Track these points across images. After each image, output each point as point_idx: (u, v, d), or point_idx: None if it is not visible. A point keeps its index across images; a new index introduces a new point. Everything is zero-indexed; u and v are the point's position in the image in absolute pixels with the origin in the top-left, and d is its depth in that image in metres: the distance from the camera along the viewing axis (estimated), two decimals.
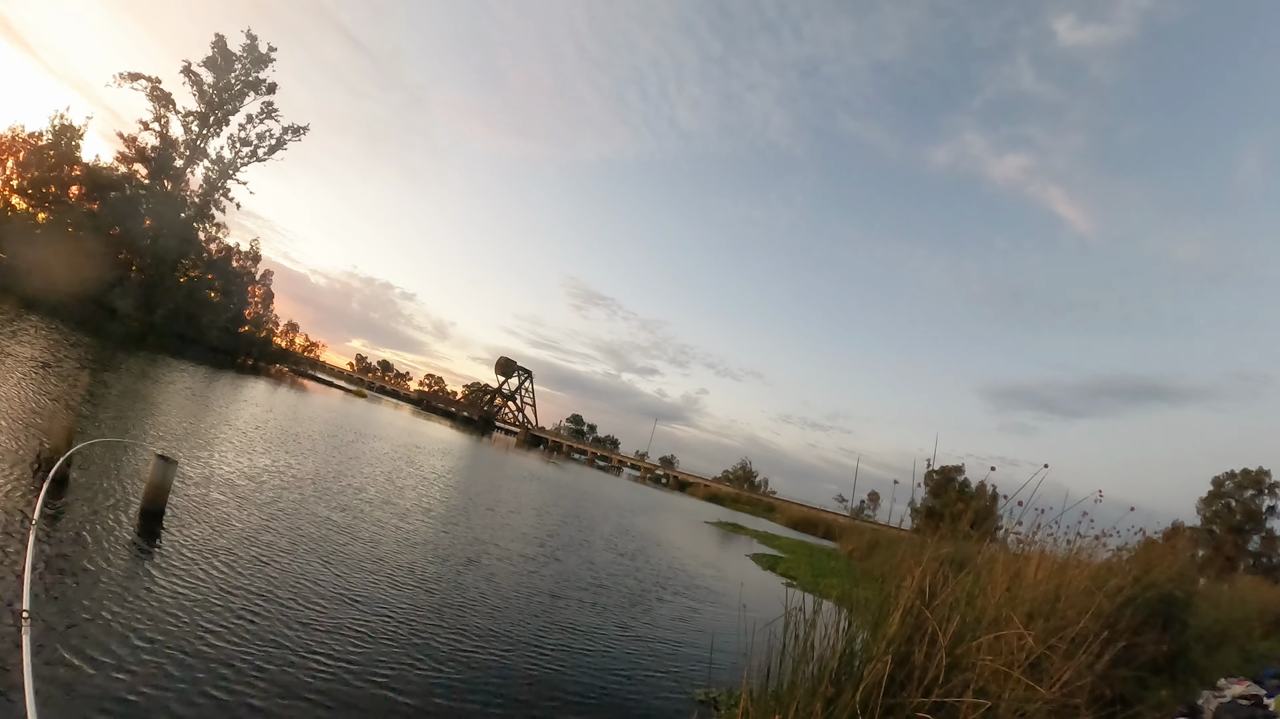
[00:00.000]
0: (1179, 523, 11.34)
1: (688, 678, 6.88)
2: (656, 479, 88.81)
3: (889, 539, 19.38)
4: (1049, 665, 3.80)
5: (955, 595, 3.93)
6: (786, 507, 67.85)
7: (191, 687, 3.97)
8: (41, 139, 41.56)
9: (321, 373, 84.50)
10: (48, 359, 16.19)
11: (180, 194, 46.58)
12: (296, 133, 50.37)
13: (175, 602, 5.07)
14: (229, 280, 50.34)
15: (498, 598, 7.97)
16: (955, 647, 3.54)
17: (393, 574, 7.61)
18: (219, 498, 8.60)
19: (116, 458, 8.98)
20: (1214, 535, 49.31)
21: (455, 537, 10.79)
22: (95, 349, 22.22)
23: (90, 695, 3.58)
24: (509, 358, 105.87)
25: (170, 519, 7.04)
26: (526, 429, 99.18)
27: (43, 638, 3.96)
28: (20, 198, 40.73)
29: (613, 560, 12.96)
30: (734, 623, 9.59)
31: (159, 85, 44.89)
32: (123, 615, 4.55)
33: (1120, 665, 4.76)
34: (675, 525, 27.45)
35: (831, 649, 3.79)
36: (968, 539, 5.25)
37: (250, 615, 5.26)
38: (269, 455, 12.99)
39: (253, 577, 6.15)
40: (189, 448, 11.19)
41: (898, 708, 3.29)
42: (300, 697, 4.24)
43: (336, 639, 5.32)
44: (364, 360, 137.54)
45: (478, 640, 6.33)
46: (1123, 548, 7.48)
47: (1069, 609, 4.67)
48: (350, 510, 10.27)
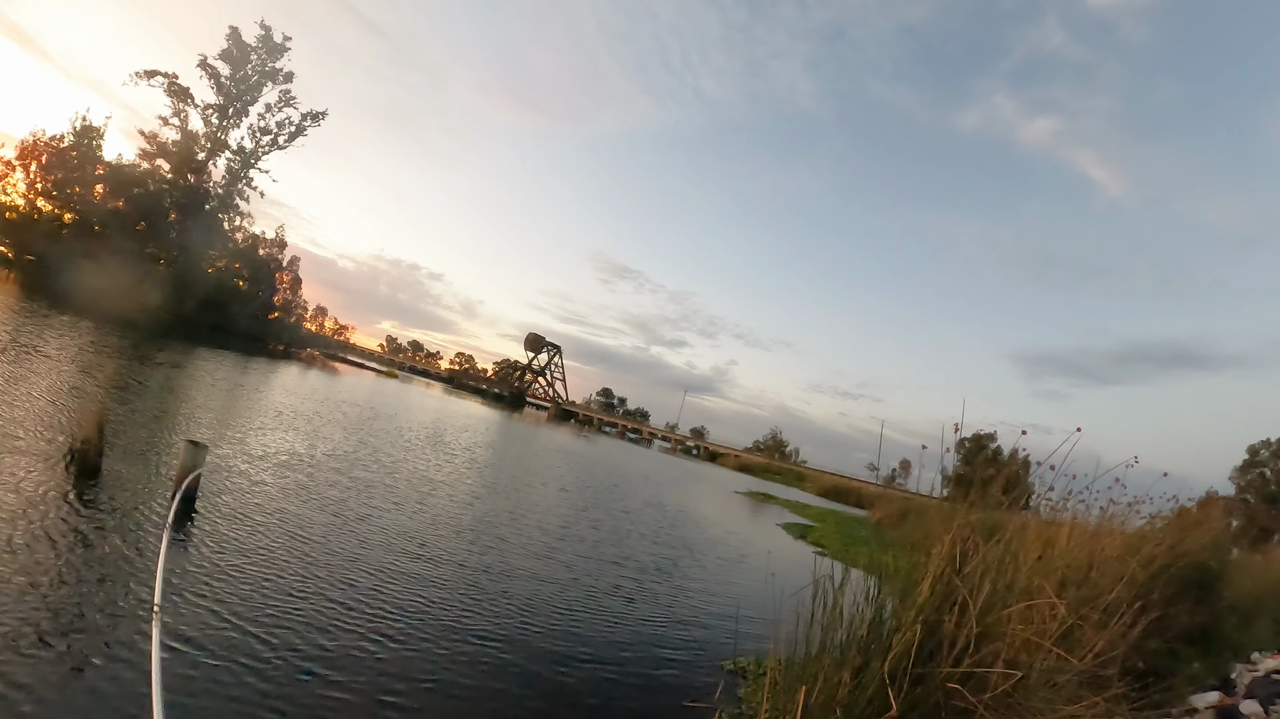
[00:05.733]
0: (1212, 492, 11.07)
1: (716, 647, 6.95)
2: (687, 450, 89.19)
3: (919, 507, 19.28)
4: (1081, 635, 3.77)
5: (986, 563, 3.90)
6: (817, 475, 67.60)
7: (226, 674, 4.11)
8: (63, 141, 42.32)
9: (353, 355, 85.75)
10: (76, 354, 16.61)
11: (204, 186, 47.20)
12: (316, 119, 50.68)
13: (204, 586, 5.22)
14: (256, 268, 51.06)
15: (528, 568, 8.10)
16: (986, 615, 3.51)
17: (427, 554, 7.75)
18: (251, 481, 8.81)
19: (149, 446, 9.20)
20: (1248, 505, 48.17)
21: (489, 510, 10.95)
22: (126, 343, 22.72)
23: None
24: (538, 334, 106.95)
25: (202, 503, 7.22)
26: (557, 404, 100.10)
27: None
28: (45, 200, 41.62)
29: (642, 531, 13.07)
30: (762, 592, 9.65)
31: (176, 80, 45.29)
32: (133, 602, 4.59)
33: (1153, 636, 4.70)
34: (706, 495, 27.57)
35: (860, 618, 3.79)
36: (999, 506, 5.19)
37: (281, 597, 5.41)
38: (301, 437, 13.26)
39: (284, 558, 6.31)
40: (220, 433, 11.46)
41: (927, 678, 3.28)
42: (349, 673, 4.38)
43: (375, 618, 5.47)
44: (394, 341, 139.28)
45: (509, 608, 6.47)
46: (1156, 515, 7.36)
47: (1101, 578, 4.62)
48: (383, 486, 10.47)
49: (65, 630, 3.97)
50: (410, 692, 4.41)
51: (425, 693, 4.47)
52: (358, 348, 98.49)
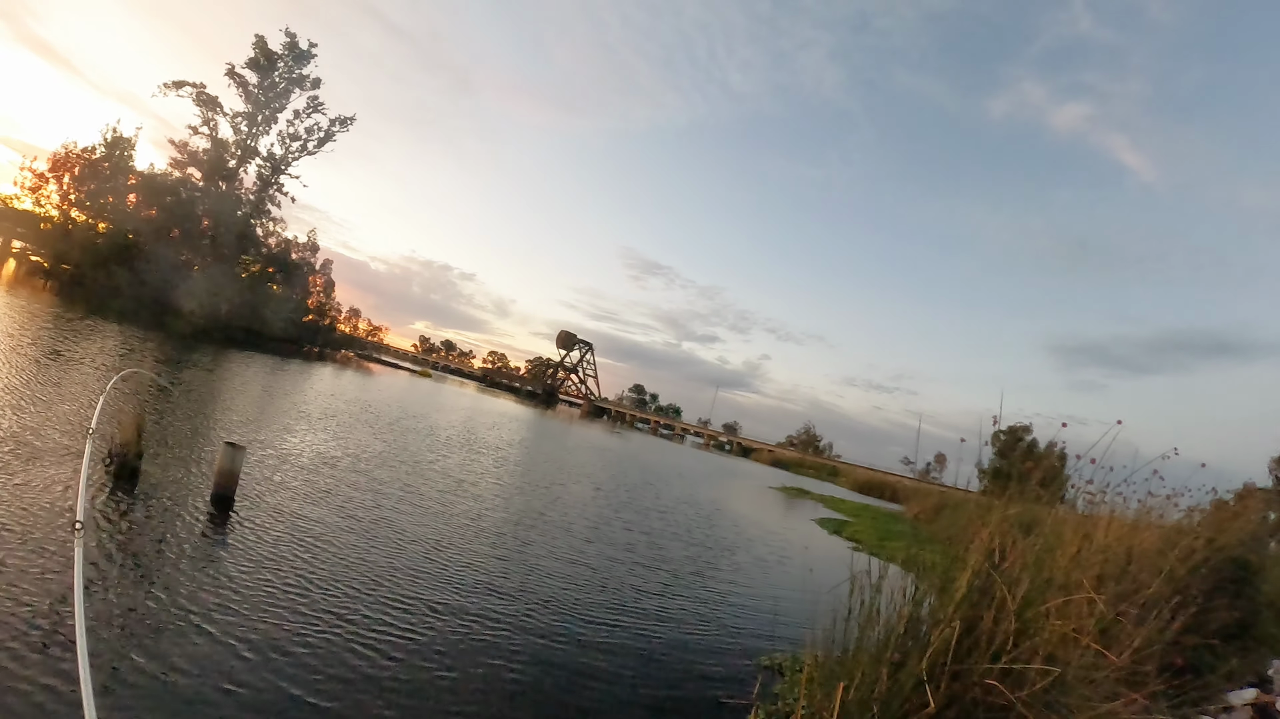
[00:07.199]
0: (1250, 484, 10.80)
1: (753, 643, 7.05)
2: (720, 446, 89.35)
3: (955, 501, 19.11)
4: (1119, 631, 3.77)
5: (1025, 558, 3.90)
6: (851, 470, 67.29)
7: (254, 675, 4.29)
8: (94, 153, 43.51)
9: (387, 356, 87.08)
10: (113, 359, 17.10)
11: (235, 193, 48.16)
12: (344, 124, 51.31)
13: (242, 587, 5.38)
14: (289, 272, 52.01)
15: (567, 565, 8.27)
16: (1024, 611, 3.51)
17: (463, 549, 7.94)
18: (288, 481, 9.09)
19: (187, 449, 9.50)
20: None
21: (524, 508, 11.16)
22: (163, 347, 23.36)
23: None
24: (569, 331, 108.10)
25: (240, 503, 7.45)
26: (590, 400, 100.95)
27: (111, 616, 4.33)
28: (79, 210, 42.83)
29: (677, 527, 13.18)
30: (798, 587, 9.70)
31: (204, 90, 46.16)
32: (181, 601, 4.78)
33: (1191, 632, 4.66)
34: (740, 491, 27.64)
35: (898, 614, 3.82)
36: (1036, 500, 5.17)
37: (318, 597, 5.59)
38: (337, 437, 13.61)
39: (322, 558, 6.51)
40: (257, 434, 11.81)
41: (964, 674, 3.32)
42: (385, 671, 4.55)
43: (409, 618, 5.64)
44: (427, 341, 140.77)
45: (548, 603, 6.64)
46: (1194, 508, 7.26)
47: (1140, 572, 4.59)
48: (418, 486, 10.72)
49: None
50: (457, 681, 4.57)
51: (471, 682, 4.63)
52: (391, 349, 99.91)
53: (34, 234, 44.08)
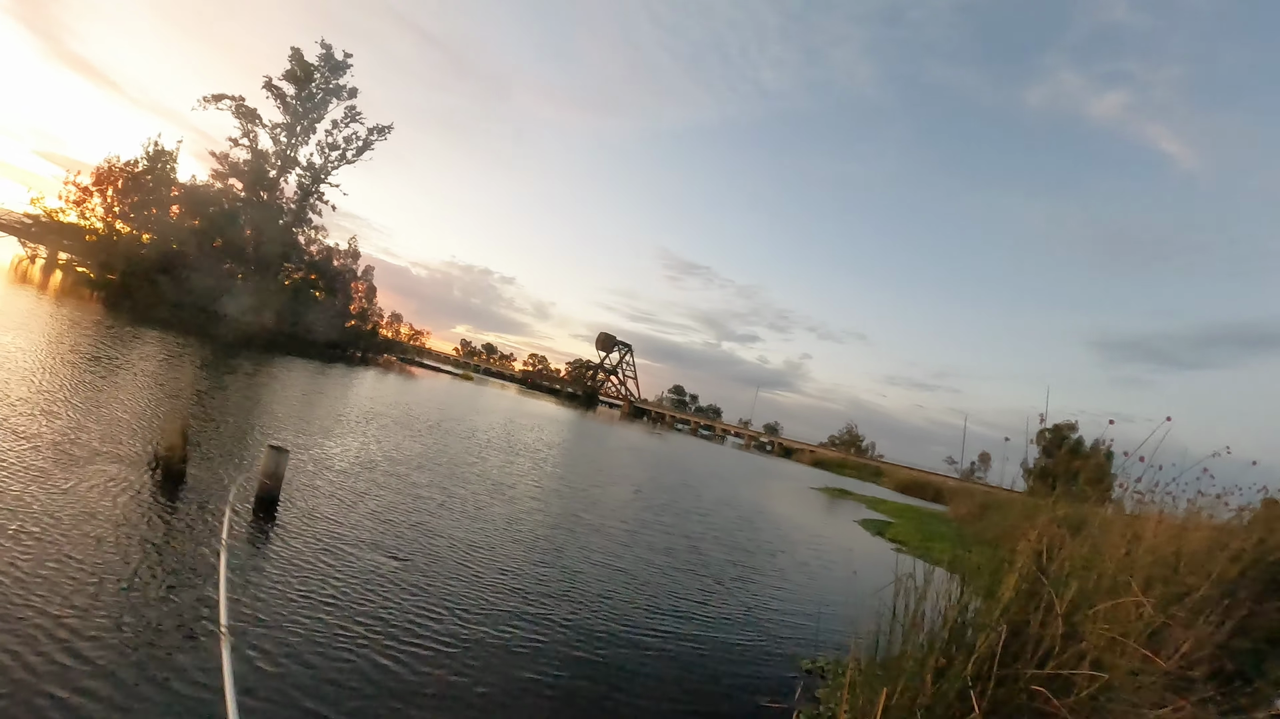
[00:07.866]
0: None
1: (795, 647, 7.08)
2: (761, 447, 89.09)
3: (1000, 501, 18.79)
4: (1167, 635, 3.74)
5: (1072, 560, 3.86)
6: (894, 470, 66.36)
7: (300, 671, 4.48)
8: (137, 166, 44.98)
9: (428, 359, 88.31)
10: (159, 367, 17.66)
11: (276, 202, 49.44)
12: (381, 132, 52.31)
13: (287, 587, 5.55)
14: (331, 279, 53.16)
15: (610, 566, 8.43)
16: (1072, 614, 3.48)
17: (499, 553, 8.09)
18: (331, 484, 9.27)
19: (232, 452, 9.75)
20: None
21: (563, 511, 11.36)
22: (208, 354, 23.97)
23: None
24: (608, 333, 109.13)
25: (284, 506, 7.64)
26: (630, 401, 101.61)
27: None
28: (123, 222, 44.30)
29: (718, 530, 13.25)
30: (841, 590, 9.71)
31: (243, 103, 47.44)
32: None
33: (1240, 636, 4.58)
34: (781, 493, 27.57)
35: (943, 618, 3.82)
36: (1083, 500, 5.12)
37: (356, 600, 5.75)
38: (380, 439, 13.93)
39: (366, 559, 6.66)
40: (301, 437, 12.09)
41: (1010, 680, 3.33)
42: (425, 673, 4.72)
43: (449, 614, 5.81)
44: (469, 345, 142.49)
45: (587, 608, 6.76)
46: (1245, 508, 7.06)
47: (1189, 574, 4.53)
48: (460, 486, 10.96)
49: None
50: (496, 686, 4.72)
51: (510, 688, 4.77)
52: (433, 352, 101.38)
53: (80, 246, 45.55)
